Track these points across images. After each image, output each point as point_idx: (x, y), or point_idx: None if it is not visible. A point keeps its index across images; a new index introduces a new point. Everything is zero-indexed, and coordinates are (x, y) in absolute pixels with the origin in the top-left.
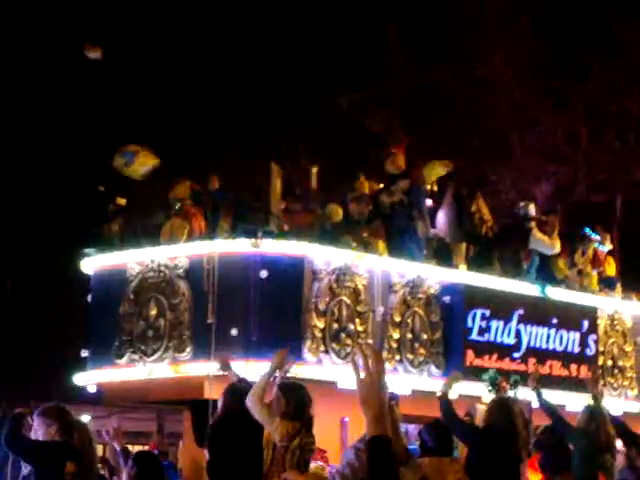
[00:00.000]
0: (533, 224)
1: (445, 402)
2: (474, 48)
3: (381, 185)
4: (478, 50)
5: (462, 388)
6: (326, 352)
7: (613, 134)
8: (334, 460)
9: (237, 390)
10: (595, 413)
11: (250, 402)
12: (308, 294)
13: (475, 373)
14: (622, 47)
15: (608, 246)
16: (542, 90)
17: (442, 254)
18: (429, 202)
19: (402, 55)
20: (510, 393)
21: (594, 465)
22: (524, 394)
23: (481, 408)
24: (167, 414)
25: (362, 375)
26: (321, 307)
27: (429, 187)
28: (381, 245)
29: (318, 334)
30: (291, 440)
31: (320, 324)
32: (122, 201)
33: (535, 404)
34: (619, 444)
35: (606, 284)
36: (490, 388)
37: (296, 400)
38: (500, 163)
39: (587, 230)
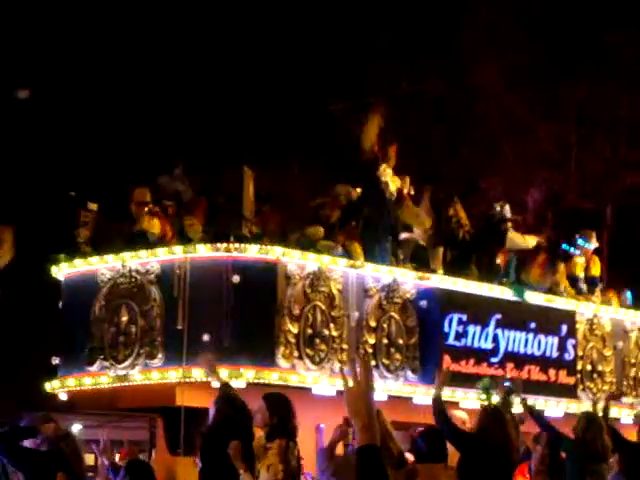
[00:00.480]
0: (509, 225)
1: (439, 405)
2: (465, 56)
3: (358, 190)
4: (469, 58)
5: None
6: (300, 358)
7: (603, 141)
8: (309, 468)
9: (229, 396)
10: (592, 422)
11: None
12: (282, 299)
13: (452, 378)
14: (612, 56)
15: (594, 244)
16: (533, 97)
17: (419, 258)
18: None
19: (393, 63)
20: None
21: (587, 474)
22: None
23: (458, 415)
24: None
25: (350, 384)
26: (295, 312)
27: (406, 191)
28: (357, 248)
29: (292, 339)
30: (282, 462)
31: (294, 329)
32: (94, 206)
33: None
34: None
35: (590, 284)
36: (484, 396)
37: (280, 413)
38: (491, 170)
39: (565, 246)
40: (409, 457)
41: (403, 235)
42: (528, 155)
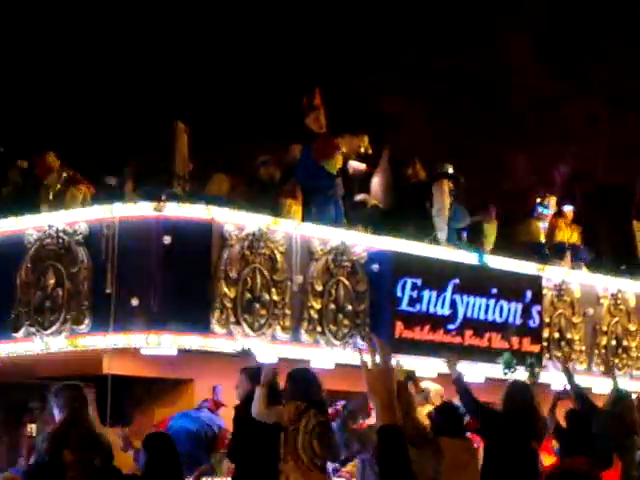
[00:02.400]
0: (448, 182)
1: (462, 384)
2: (492, 31)
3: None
4: (496, 32)
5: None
6: (237, 323)
7: (633, 115)
8: None
9: (255, 374)
10: (621, 396)
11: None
12: (217, 261)
13: (405, 346)
14: None
15: (552, 209)
16: (561, 71)
17: (376, 221)
18: (362, 166)
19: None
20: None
21: (615, 447)
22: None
23: (432, 387)
24: None
25: (369, 364)
26: (232, 275)
27: (363, 150)
28: (295, 207)
29: (228, 304)
30: (299, 421)
31: (231, 293)
32: (23, 164)
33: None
34: None
35: (557, 250)
36: (506, 371)
37: (302, 382)
38: (518, 147)
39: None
40: None
41: (358, 196)
42: (556, 131)
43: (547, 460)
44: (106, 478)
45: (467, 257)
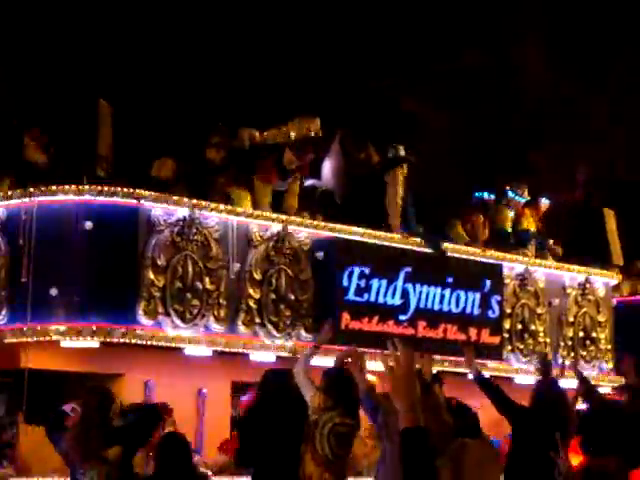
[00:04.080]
0: (403, 167)
1: (484, 380)
2: (507, 30)
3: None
4: (511, 32)
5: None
6: (166, 314)
7: None
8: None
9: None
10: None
11: (297, 372)
12: (143, 248)
13: (352, 337)
14: None
15: (525, 197)
16: (580, 70)
17: (327, 206)
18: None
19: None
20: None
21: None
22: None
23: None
24: None
25: (392, 367)
26: (161, 263)
27: (313, 133)
28: (242, 194)
29: (156, 293)
30: (321, 414)
31: (159, 282)
32: None
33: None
34: None
35: (522, 238)
36: (540, 368)
37: (335, 382)
38: (538, 145)
39: (511, 192)
40: None
41: (308, 181)
42: (575, 129)
43: (574, 460)
44: None
45: (420, 245)
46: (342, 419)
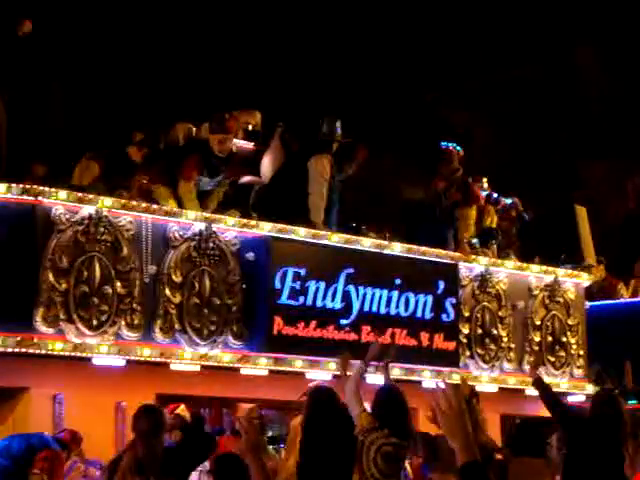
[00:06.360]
0: (335, 146)
1: (543, 386)
2: (563, 38)
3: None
4: (567, 40)
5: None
6: (69, 321)
7: None
8: (106, 453)
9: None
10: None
11: (347, 387)
12: (43, 249)
13: (286, 344)
14: None
15: (486, 191)
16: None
17: (267, 204)
18: (250, 145)
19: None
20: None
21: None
22: None
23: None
24: None
25: (443, 406)
26: (63, 265)
27: (251, 127)
28: (164, 191)
29: (58, 298)
30: (366, 435)
31: (61, 286)
32: None
33: None
34: None
35: (485, 236)
36: (596, 380)
37: (384, 402)
38: (591, 156)
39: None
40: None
41: (244, 178)
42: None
43: None
44: None
45: (366, 243)
46: (388, 439)
